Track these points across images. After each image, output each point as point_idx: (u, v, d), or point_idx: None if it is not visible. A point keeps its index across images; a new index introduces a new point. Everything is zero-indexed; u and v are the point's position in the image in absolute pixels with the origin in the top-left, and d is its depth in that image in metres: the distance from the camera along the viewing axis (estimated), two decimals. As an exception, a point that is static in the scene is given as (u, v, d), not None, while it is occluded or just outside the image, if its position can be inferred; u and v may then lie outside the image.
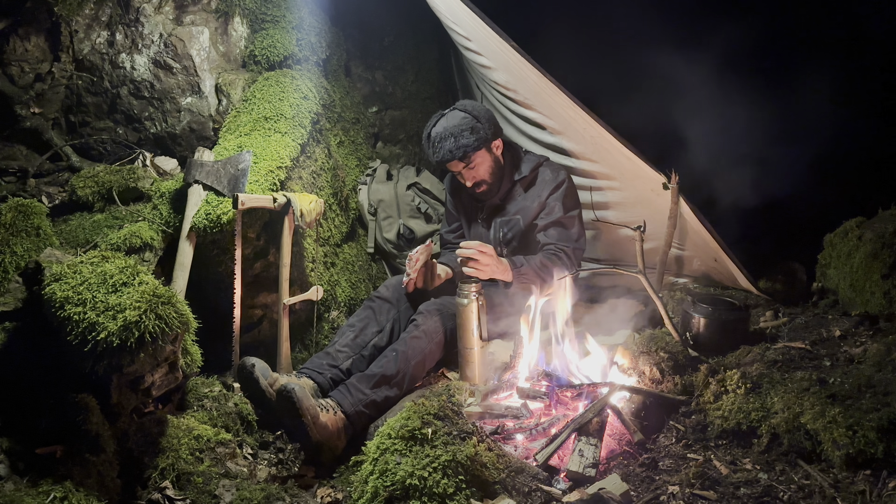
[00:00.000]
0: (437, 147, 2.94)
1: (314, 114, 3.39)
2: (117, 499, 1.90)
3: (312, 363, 2.72)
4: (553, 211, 3.02)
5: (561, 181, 3.04)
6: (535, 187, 3.07)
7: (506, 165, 3.08)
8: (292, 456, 2.51)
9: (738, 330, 2.63)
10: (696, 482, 1.97)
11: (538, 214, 3.05)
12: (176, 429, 2.20)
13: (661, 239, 2.97)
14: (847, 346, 2.39)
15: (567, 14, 3.90)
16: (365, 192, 3.84)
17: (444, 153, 2.91)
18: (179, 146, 3.36)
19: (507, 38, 2.73)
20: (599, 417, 2.24)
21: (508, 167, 3.09)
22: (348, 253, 3.64)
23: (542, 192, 3.04)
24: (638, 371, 2.51)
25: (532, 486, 2.02)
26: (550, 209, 3.03)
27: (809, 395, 2.02)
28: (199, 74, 3.36)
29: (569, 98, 2.72)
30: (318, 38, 3.69)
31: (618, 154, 2.84)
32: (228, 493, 2.07)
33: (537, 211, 3.05)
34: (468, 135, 2.90)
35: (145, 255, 2.67)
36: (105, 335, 1.87)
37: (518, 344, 2.65)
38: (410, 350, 2.68)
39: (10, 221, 2.40)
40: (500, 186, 3.08)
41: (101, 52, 3.25)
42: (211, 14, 3.49)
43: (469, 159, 2.94)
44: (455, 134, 2.90)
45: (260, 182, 2.85)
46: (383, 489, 1.88)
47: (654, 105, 3.61)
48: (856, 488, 1.78)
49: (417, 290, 2.97)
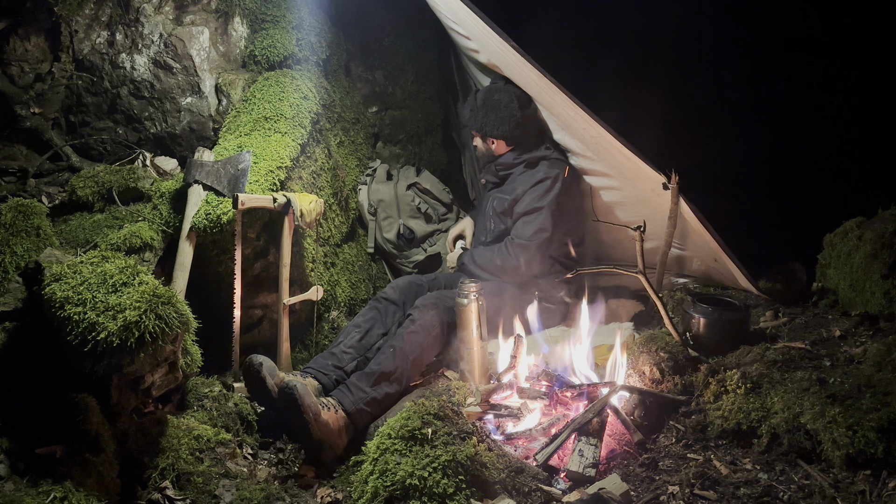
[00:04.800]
0: (473, 111, 3.19)
1: (314, 114, 3.39)
2: (117, 499, 1.90)
3: (317, 363, 2.71)
4: (522, 203, 3.10)
5: (545, 179, 3.07)
6: (529, 175, 3.13)
7: (522, 144, 3.19)
8: (292, 456, 2.50)
9: (738, 330, 2.63)
10: (696, 482, 1.97)
11: (517, 201, 3.13)
12: (176, 429, 2.20)
13: (661, 239, 2.97)
14: (847, 346, 2.39)
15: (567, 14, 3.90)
16: (365, 192, 3.84)
17: (471, 121, 3.22)
18: (179, 146, 3.36)
19: (507, 38, 2.73)
20: (599, 417, 2.24)
21: (525, 146, 3.19)
22: (348, 253, 3.64)
23: (528, 182, 3.11)
24: (638, 371, 2.51)
25: (532, 486, 2.02)
26: (522, 202, 3.10)
27: (809, 395, 2.03)
28: (199, 74, 3.36)
29: (569, 98, 2.72)
30: (318, 38, 3.69)
31: (618, 154, 2.84)
32: (228, 493, 2.07)
33: (518, 197, 3.12)
34: (499, 122, 3.11)
35: (145, 255, 2.67)
36: (105, 335, 1.86)
37: (517, 344, 2.65)
38: (408, 345, 2.68)
39: (10, 221, 2.40)
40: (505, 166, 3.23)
41: (101, 52, 3.25)
42: (211, 14, 3.49)
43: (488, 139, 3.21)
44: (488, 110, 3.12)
45: (260, 182, 2.85)
46: (383, 489, 1.88)
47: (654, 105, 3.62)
48: (856, 488, 1.78)
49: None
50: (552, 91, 2.78)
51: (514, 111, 3.09)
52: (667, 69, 3.72)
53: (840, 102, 3.66)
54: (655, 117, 3.52)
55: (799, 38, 3.71)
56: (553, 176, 3.07)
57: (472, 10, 2.75)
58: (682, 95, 3.77)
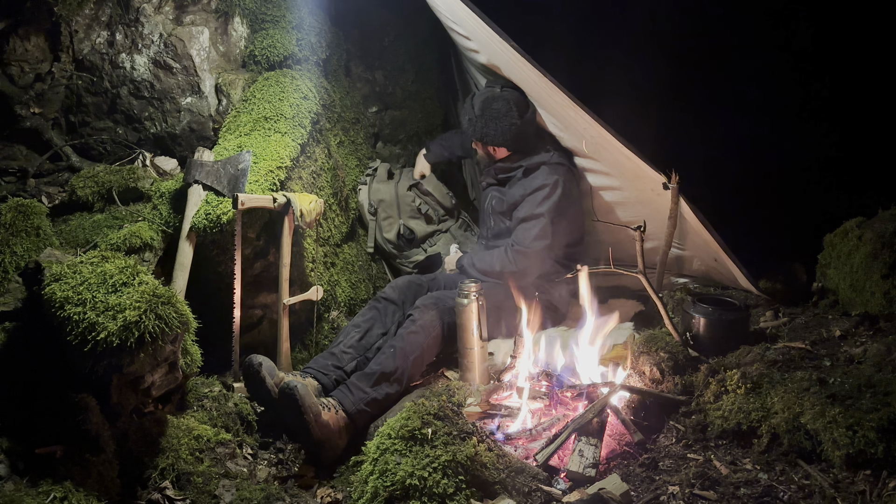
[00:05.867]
0: (472, 120, 3.14)
1: (314, 114, 3.39)
2: (117, 499, 1.90)
3: (317, 363, 2.71)
4: (522, 210, 3.09)
5: (543, 186, 3.04)
6: (528, 180, 3.11)
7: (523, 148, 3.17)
8: (292, 456, 2.50)
9: (738, 330, 2.63)
10: (696, 482, 1.97)
11: (516, 206, 3.12)
12: (176, 429, 2.20)
13: (661, 239, 2.97)
14: (847, 346, 2.39)
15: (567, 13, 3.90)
16: (365, 192, 3.84)
17: (470, 130, 3.17)
18: (179, 146, 3.35)
19: (507, 38, 2.72)
20: (599, 417, 2.24)
21: (525, 150, 3.17)
22: (348, 253, 3.64)
23: (527, 188, 3.09)
24: (638, 371, 2.51)
25: (532, 486, 2.02)
26: (521, 208, 3.09)
27: (809, 395, 2.02)
28: (199, 74, 3.36)
29: (569, 98, 2.72)
30: (318, 38, 3.69)
31: (618, 154, 2.84)
32: (228, 493, 2.07)
33: (517, 202, 3.11)
34: (499, 130, 3.08)
35: (145, 255, 2.67)
36: (105, 335, 1.86)
37: (518, 344, 2.65)
38: (408, 345, 2.68)
39: (10, 221, 2.40)
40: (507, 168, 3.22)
41: (101, 52, 3.25)
42: (211, 14, 3.49)
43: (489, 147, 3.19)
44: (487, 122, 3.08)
45: (260, 182, 2.85)
46: (383, 489, 1.88)
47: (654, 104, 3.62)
48: (856, 488, 1.78)
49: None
50: (552, 91, 2.78)
51: (514, 119, 3.06)
52: (667, 67, 3.72)
53: (840, 102, 3.66)
54: (655, 117, 3.52)
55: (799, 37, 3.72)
56: (552, 182, 3.04)
57: (472, 11, 2.75)
58: (682, 95, 3.77)
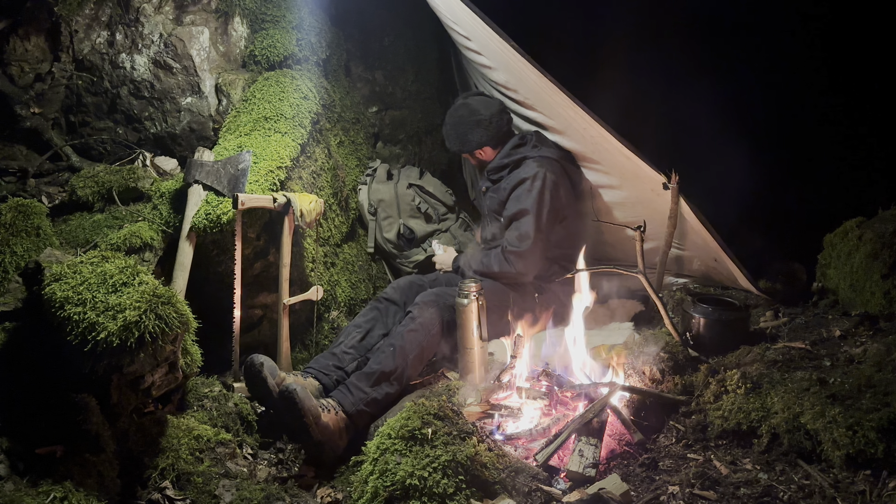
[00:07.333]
0: (447, 135, 3.30)
1: (314, 114, 3.39)
2: (117, 499, 1.90)
3: (318, 363, 2.71)
4: (509, 207, 3.09)
5: (525, 179, 3.03)
6: (513, 175, 3.12)
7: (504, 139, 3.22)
8: (292, 456, 2.50)
9: (738, 330, 2.63)
10: (696, 482, 1.97)
11: (505, 202, 3.12)
12: (176, 429, 2.20)
13: (661, 239, 2.97)
14: (847, 346, 2.39)
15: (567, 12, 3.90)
16: (365, 192, 3.84)
17: (449, 144, 3.31)
18: (179, 146, 3.35)
19: (507, 38, 2.73)
20: (599, 417, 2.24)
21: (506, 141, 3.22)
22: (348, 253, 3.64)
23: (513, 181, 3.09)
24: (638, 371, 2.51)
25: (532, 486, 2.02)
26: (508, 206, 3.10)
27: (809, 395, 2.02)
28: (199, 74, 3.36)
29: (569, 98, 2.72)
30: (318, 38, 3.69)
31: (618, 154, 2.84)
32: (228, 493, 2.07)
33: (506, 198, 3.12)
34: (471, 133, 3.17)
35: (145, 255, 2.67)
36: (105, 335, 1.86)
37: (517, 344, 2.65)
38: (408, 344, 2.67)
39: (10, 221, 2.40)
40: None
41: (101, 52, 3.25)
42: (211, 14, 3.49)
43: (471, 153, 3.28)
44: (459, 131, 3.20)
45: (260, 182, 2.85)
46: (383, 489, 1.88)
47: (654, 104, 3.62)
48: (856, 488, 1.78)
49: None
50: (552, 91, 2.78)
51: (480, 115, 3.13)
52: (668, 69, 3.72)
53: (840, 102, 3.66)
54: (655, 118, 3.52)
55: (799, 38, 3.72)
56: (533, 175, 3.01)
57: (472, 11, 2.75)
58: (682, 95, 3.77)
